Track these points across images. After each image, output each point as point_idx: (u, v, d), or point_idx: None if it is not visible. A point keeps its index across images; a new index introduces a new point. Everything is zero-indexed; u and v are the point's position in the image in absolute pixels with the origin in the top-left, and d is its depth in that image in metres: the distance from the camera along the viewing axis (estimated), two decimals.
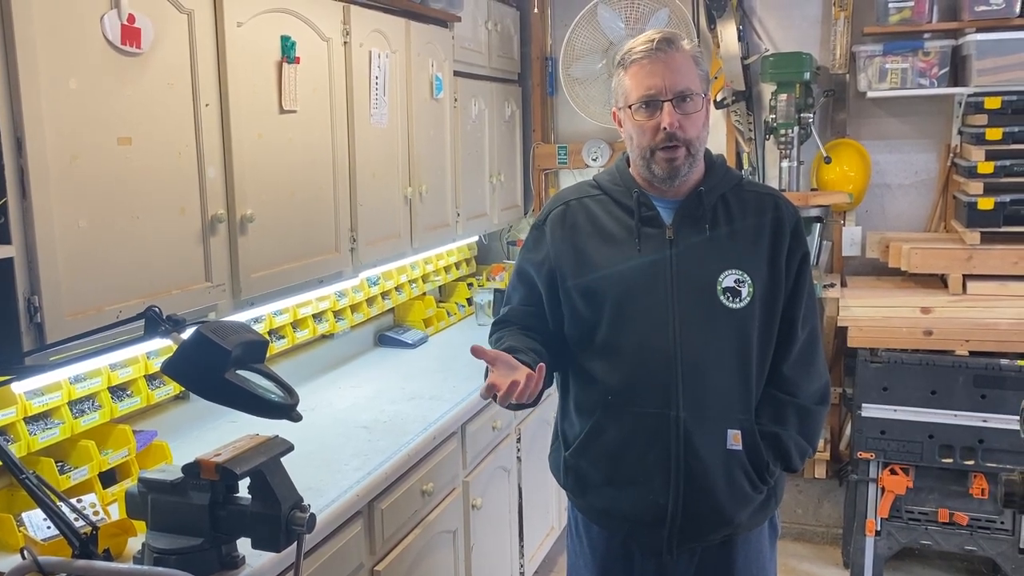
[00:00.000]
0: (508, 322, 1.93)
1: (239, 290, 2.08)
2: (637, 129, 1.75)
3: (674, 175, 1.76)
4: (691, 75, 1.74)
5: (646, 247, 1.77)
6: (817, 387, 1.84)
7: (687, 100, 1.72)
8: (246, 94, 2.07)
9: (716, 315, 1.74)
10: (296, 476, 1.62)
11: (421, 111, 2.97)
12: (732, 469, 1.76)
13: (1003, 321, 3.21)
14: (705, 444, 1.73)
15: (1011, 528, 3.17)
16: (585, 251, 1.81)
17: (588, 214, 1.84)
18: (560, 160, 4.01)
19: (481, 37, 3.52)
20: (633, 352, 1.75)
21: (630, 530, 1.84)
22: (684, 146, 1.73)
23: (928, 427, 3.18)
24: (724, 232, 1.78)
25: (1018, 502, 1.02)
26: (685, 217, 1.79)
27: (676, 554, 1.81)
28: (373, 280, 3.26)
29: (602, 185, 1.87)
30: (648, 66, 1.72)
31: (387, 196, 2.77)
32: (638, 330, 1.75)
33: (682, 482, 1.75)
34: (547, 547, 3.42)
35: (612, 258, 1.78)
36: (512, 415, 3.04)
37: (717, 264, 1.76)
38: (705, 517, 1.77)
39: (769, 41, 3.69)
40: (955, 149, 3.53)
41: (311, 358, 3.00)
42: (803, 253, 1.81)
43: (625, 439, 1.78)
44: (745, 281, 1.74)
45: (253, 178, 2.11)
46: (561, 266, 1.83)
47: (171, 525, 1.62)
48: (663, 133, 1.71)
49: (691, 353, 1.73)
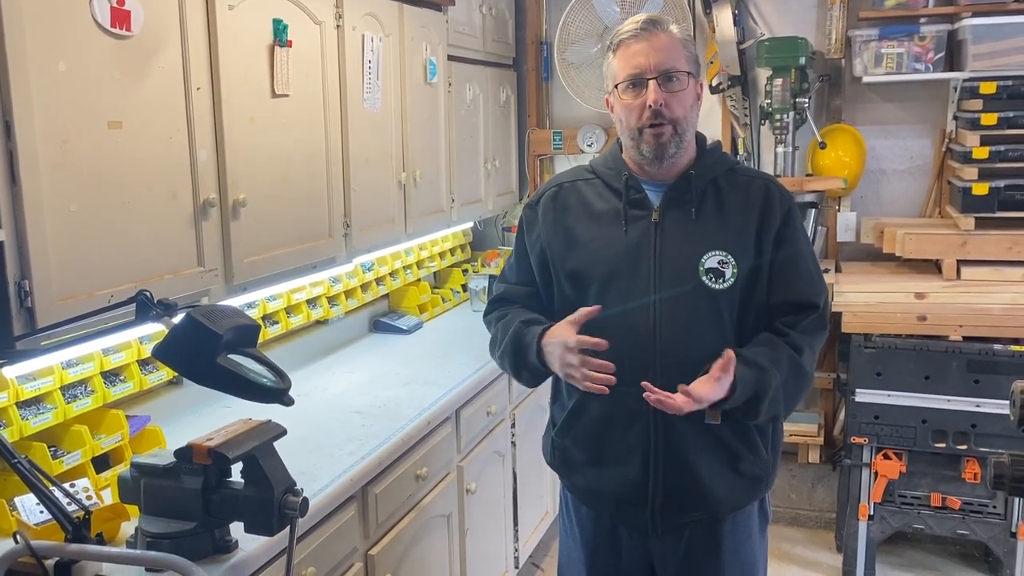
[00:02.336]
0: (506, 300, 1.99)
1: (232, 275, 2.07)
2: (625, 109, 1.78)
3: (661, 154, 1.77)
4: (676, 54, 1.76)
5: (632, 229, 1.81)
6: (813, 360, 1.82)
7: (672, 79, 1.75)
8: (238, 78, 2.06)
9: (698, 296, 1.76)
10: (290, 461, 1.62)
11: (415, 96, 2.96)
12: (710, 445, 1.79)
13: (997, 306, 3.21)
14: (682, 421, 1.74)
15: (1003, 512, 3.18)
16: (573, 232, 1.85)
17: (579, 196, 1.88)
18: (555, 145, 4.00)
19: (476, 21, 3.51)
20: (614, 332, 1.75)
21: (615, 509, 1.88)
22: (671, 124, 1.75)
23: (921, 412, 3.19)
24: (711, 215, 1.80)
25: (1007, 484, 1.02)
26: (672, 200, 1.81)
27: (661, 532, 1.85)
28: (367, 266, 3.26)
29: (595, 169, 1.91)
30: (634, 45, 1.75)
31: (381, 181, 2.76)
32: (621, 311, 1.78)
33: (661, 460, 1.79)
34: (542, 531, 3.43)
35: (598, 239, 1.82)
36: (507, 400, 3.04)
37: (701, 246, 1.78)
38: (685, 494, 1.81)
39: (765, 26, 3.68)
40: (950, 134, 3.53)
41: (305, 343, 2.99)
42: (795, 236, 1.81)
43: (606, 418, 1.82)
44: (729, 262, 1.76)
45: (245, 163, 2.10)
46: (551, 246, 1.88)
47: (164, 509, 1.62)
48: (649, 111, 1.73)
49: (670, 332, 1.76)
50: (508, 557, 3.09)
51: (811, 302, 1.82)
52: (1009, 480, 1.02)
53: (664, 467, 1.79)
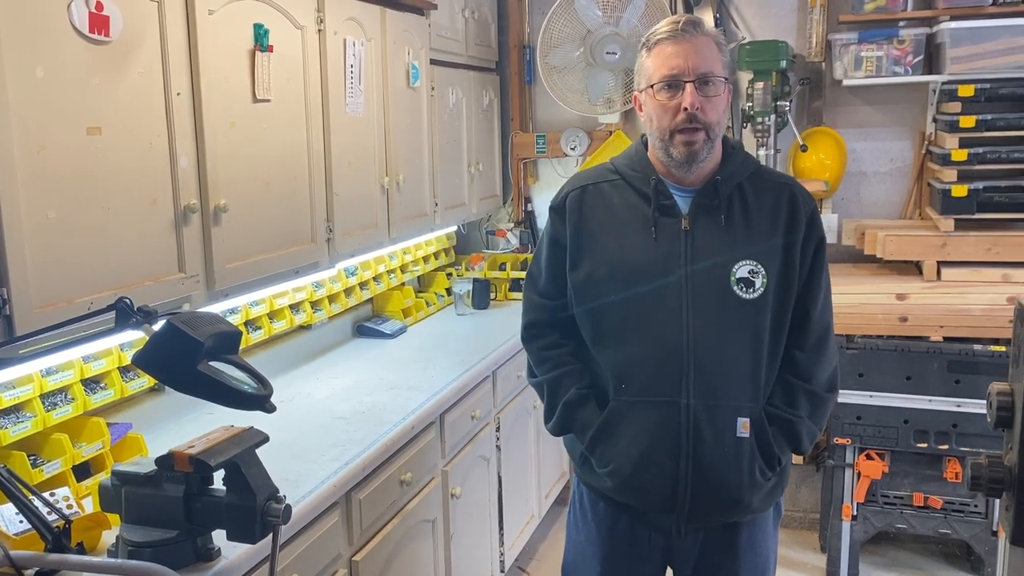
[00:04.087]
0: (543, 326, 1.93)
1: (213, 281, 2.06)
2: (658, 109, 1.75)
3: (692, 159, 1.76)
4: (714, 59, 1.74)
5: (662, 236, 1.78)
6: (828, 374, 1.85)
7: (709, 84, 1.73)
8: (219, 83, 2.05)
9: (729, 306, 1.75)
10: (273, 467, 1.61)
11: (398, 100, 2.96)
12: (741, 456, 1.77)
13: (976, 307, 3.25)
14: (714, 432, 1.75)
15: (984, 511, 3.21)
16: (599, 238, 1.82)
17: (604, 200, 1.85)
18: (539, 149, 4.01)
19: (458, 25, 3.51)
20: (646, 341, 1.76)
21: (641, 514, 1.87)
22: (704, 129, 1.74)
23: (903, 412, 3.22)
24: (739, 223, 1.78)
25: (984, 486, 1.03)
26: (701, 207, 1.79)
27: (684, 534, 1.85)
28: (351, 270, 3.25)
29: (620, 170, 1.87)
30: (672, 47, 1.73)
31: (364, 186, 2.76)
32: (652, 319, 1.76)
33: (691, 469, 1.76)
34: (527, 535, 3.43)
35: (628, 247, 1.79)
36: (491, 404, 3.04)
37: (731, 255, 1.76)
38: (714, 503, 1.80)
39: (746, 29, 3.70)
40: (930, 137, 3.56)
41: (288, 349, 2.98)
42: (818, 241, 1.82)
43: (637, 427, 1.79)
44: (759, 272, 1.76)
45: (226, 168, 2.09)
46: (575, 252, 1.84)
47: (145, 518, 1.61)
48: (684, 114, 1.72)
49: (703, 343, 1.74)
50: (494, 562, 3.09)
51: (824, 322, 1.84)
52: (986, 481, 1.03)
53: (694, 476, 1.77)
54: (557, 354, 1.90)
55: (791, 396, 1.81)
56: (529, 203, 4.13)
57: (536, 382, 1.95)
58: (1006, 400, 1.04)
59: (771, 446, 1.79)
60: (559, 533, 3.80)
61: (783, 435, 1.80)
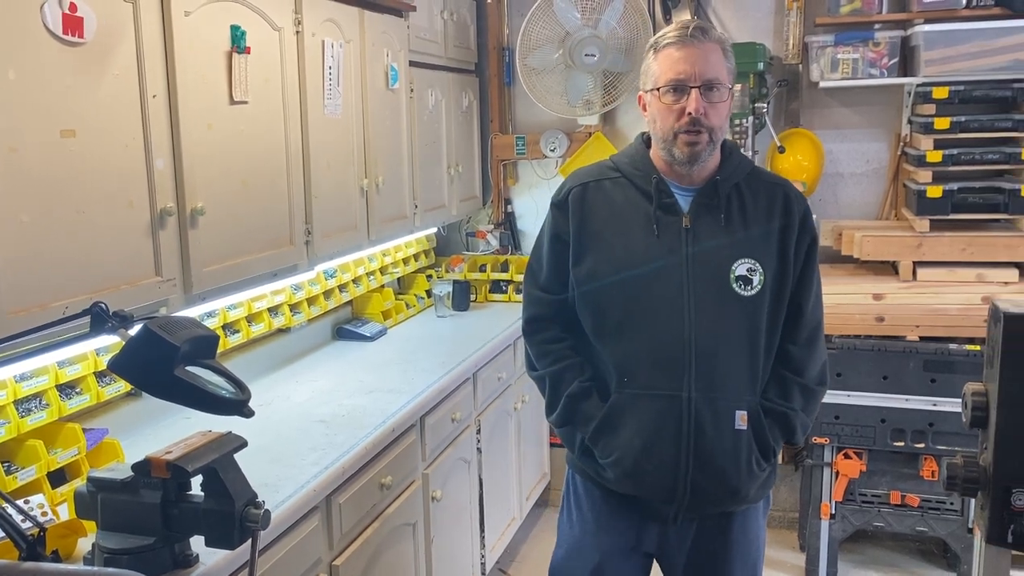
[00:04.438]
0: (545, 320, 1.97)
1: (190, 284, 2.04)
2: (663, 111, 1.80)
3: (694, 160, 1.81)
4: (720, 66, 1.79)
5: (663, 234, 1.83)
6: (819, 368, 1.93)
7: (714, 89, 1.77)
8: (195, 85, 2.03)
9: (728, 302, 1.81)
10: (251, 472, 1.60)
11: (376, 101, 2.94)
12: (739, 448, 1.83)
13: (952, 307, 3.28)
14: (714, 425, 1.81)
15: (960, 509, 3.24)
16: (602, 235, 1.87)
17: (606, 197, 1.89)
18: (518, 151, 4.01)
19: (437, 27, 3.50)
20: (649, 336, 1.82)
21: (641, 504, 1.91)
22: (707, 132, 1.79)
23: (880, 411, 3.25)
24: (738, 222, 1.85)
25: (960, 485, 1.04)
26: (701, 206, 1.85)
27: (680, 522, 1.91)
28: (330, 273, 3.23)
29: (621, 168, 1.92)
30: (678, 52, 1.78)
31: (343, 188, 2.75)
32: (654, 315, 1.82)
33: (692, 461, 1.82)
34: (508, 537, 3.43)
35: (630, 244, 1.84)
36: (472, 406, 3.04)
37: (731, 253, 1.82)
38: (713, 493, 1.85)
39: (724, 31, 3.72)
40: (905, 138, 3.60)
41: (267, 352, 2.96)
42: (811, 240, 1.89)
43: (640, 419, 1.83)
44: (757, 270, 1.82)
45: (203, 170, 2.07)
46: (577, 248, 1.89)
47: (122, 524, 1.59)
48: (687, 117, 1.77)
49: (704, 339, 1.80)
50: (475, 564, 3.09)
51: (816, 318, 1.93)
52: (962, 481, 1.04)
53: (694, 467, 1.82)
54: (559, 348, 1.94)
55: (785, 389, 1.88)
56: (509, 204, 4.13)
57: (538, 375, 1.98)
58: (980, 400, 1.05)
59: (767, 438, 1.85)
60: (540, 535, 3.80)
61: (778, 427, 1.87)
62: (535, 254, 2.01)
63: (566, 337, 1.95)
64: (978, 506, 1.08)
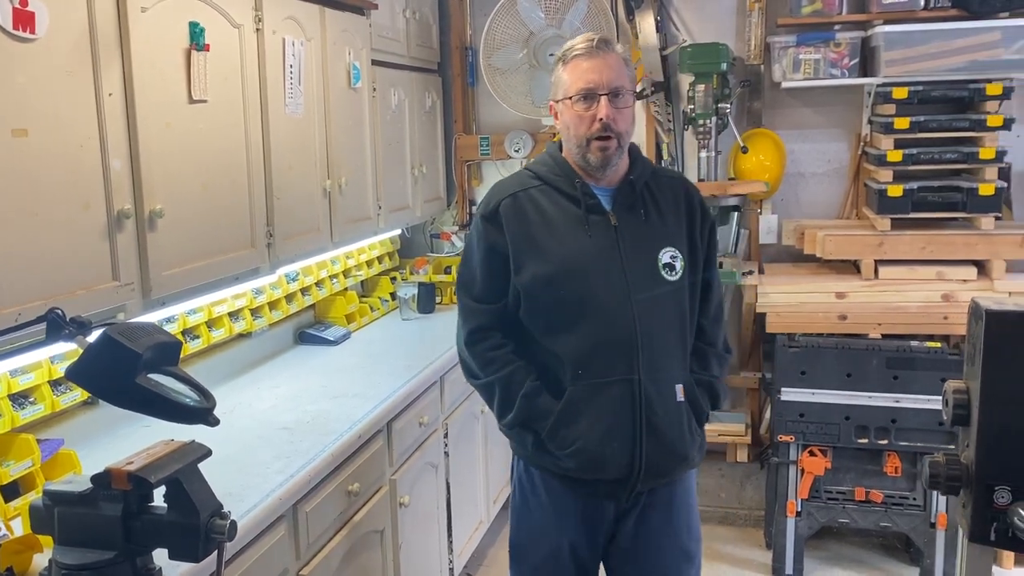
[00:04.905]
0: (489, 329, 2.03)
1: (149, 289, 1.98)
2: (575, 119, 1.95)
3: (606, 163, 1.97)
4: (623, 74, 1.96)
5: (595, 233, 1.96)
6: (724, 337, 2.16)
7: (619, 96, 1.94)
8: (152, 83, 1.97)
9: (660, 289, 1.98)
10: (215, 482, 1.55)
11: (339, 101, 2.90)
12: (681, 419, 2.00)
13: (913, 304, 3.33)
14: (660, 402, 1.96)
15: (923, 504, 3.29)
16: (538, 240, 1.97)
17: (535, 204, 1.99)
18: (483, 151, 3.98)
19: (399, 25, 3.46)
20: (600, 329, 1.94)
21: (602, 487, 2.01)
22: (616, 137, 1.94)
23: (844, 409, 3.28)
24: (654, 216, 2.02)
25: (942, 484, 1.04)
26: (622, 204, 2.00)
27: (632, 498, 2.03)
28: (292, 276, 3.17)
29: (542, 175, 2.03)
30: (587, 62, 1.93)
31: (305, 189, 2.69)
32: (603, 309, 1.94)
33: (646, 438, 1.95)
34: (476, 540, 3.40)
35: (566, 245, 1.96)
36: (439, 410, 3.00)
37: (655, 244, 2.00)
38: (664, 465, 2.00)
39: (686, 32, 3.73)
40: (865, 138, 3.64)
41: (228, 358, 2.89)
42: (711, 225, 2.10)
43: (598, 407, 1.94)
44: (677, 256, 2.01)
45: (162, 171, 2.01)
46: (518, 256, 1.98)
47: (80, 539, 1.52)
48: (599, 124, 1.92)
49: (646, 324, 1.95)
50: (443, 569, 3.05)
51: (720, 293, 2.17)
52: (944, 479, 1.04)
53: (647, 444, 1.95)
54: (503, 354, 2.02)
55: (705, 360, 2.09)
56: (474, 205, 4.10)
57: (484, 383, 2.04)
58: (962, 398, 1.04)
59: (700, 406, 2.05)
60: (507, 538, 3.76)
61: (707, 395, 2.08)
62: (465, 267, 2.10)
63: (507, 343, 2.03)
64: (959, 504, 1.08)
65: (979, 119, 3.21)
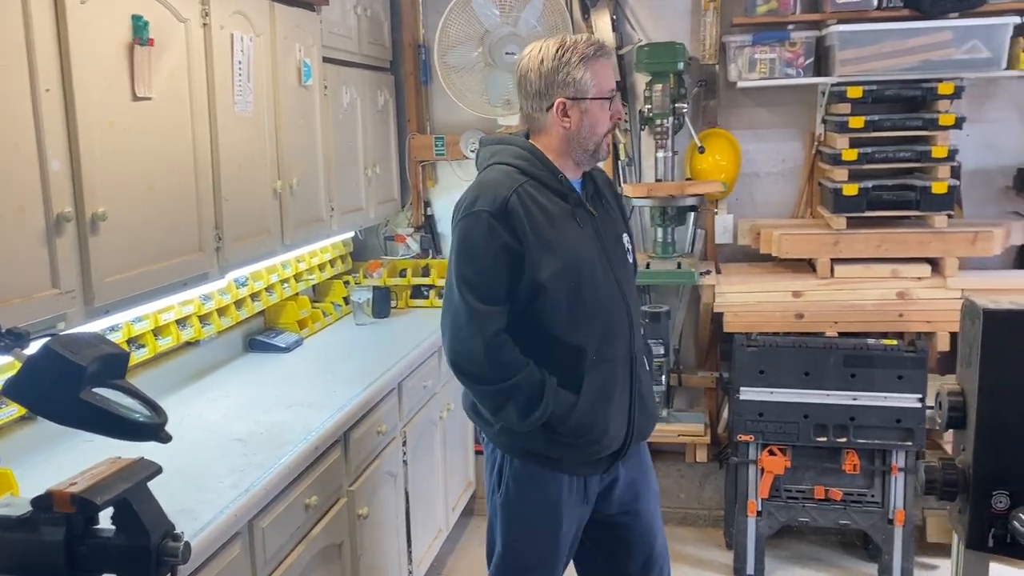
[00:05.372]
0: (502, 331, 2.01)
1: (92, 296, 1.87)
2: (602, 117, 2.06)
3: (605, 156, 2.15)
4: None
5: (584, 225, 2.07)
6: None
7: None
8: (94, 79, 1.86)
9: (629, 271, 2.19)
10: (165, 498, 1.46)
11: (289, 99, 2.80)
12: (651, 385, 2.26)
13: (869, 302, 3.35)
14: (643, 372, 2.17)
15: (881, 500, 3.31)
16: (548, 236, 2.01)
17: (534, 200, 2.02)
18: (437, 151, 3.90)
19: (351, 22, 3.37)
20: (605, 314, 2.07)
21: (598, 463, 2.13)
22: None
23: (803, 407, 3.28)
24: (610, 204, 2.21)
25: (938, 489, 1.01)
26: (591, 196, 2.15)
27: (617, 465, 2.18)
28: (241, 281, 3.06)
29: (529, 172, 2.05)
30: (606, 65, 2.07)
31: (254, 190, 2.59)
32: (607, 296, 2.07)
33: (637, 411, 2.14)
34: (436, 549, 3.32)
35: (568, 239, 2.04)
36: (397, 418, 2.92)
37: (618, 230, 2.18)
38: (646, 429, 2.21)
39: (642, 31, 3.71)
40: (819, 137, 3.66)
41: (176, 367, 2.77)
42: (627, 208, 2.43)
43: (611, 387, 2.08)
44: (628, 240, 2.23)
45: (104, 172, 1.90)
46: (537, 252, 2.00)
47: (19, 566, 1.42)
48: (614, 120, 2.09)
49: (631, 304, 2.14)
50: None
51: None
52: (941, 484, 1.01)
53: (637, 413, 2.14)
54: (517, 355, 2.04)
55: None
56: (429, 207, 4.02)
57: (505, 386, 2.00)
58: (957, 400, 1.01)
59: (650, 371, 2.35)
60: (467, 545, 3.70)
61: (650, 360, 2.34)
62: (470, 268, 2.00)
63: (514, 343, 2.05)
64: (954, 510, 1.05)
65: (931, 118, 3.25)
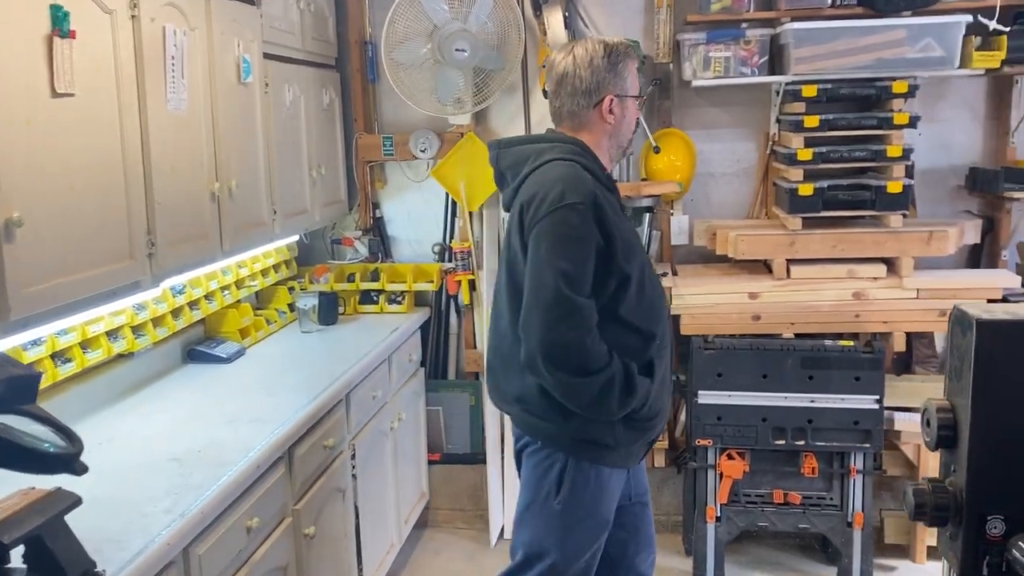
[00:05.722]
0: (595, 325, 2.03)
1: (7, 309, 1.72)
2: (633, 116, 2.20)
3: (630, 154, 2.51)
4: None
5: (631, 219, 2.28)
6: None
7: None
8: (7, 73, 1.71)
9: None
10: (91, 526, 1.34)
11: (227, 96, 2.65)
12: None
13: (825, 303, 3.32)
14: (671, 356, 2.27)
15: (839, 504, 3.28)
16: (620, 227, 2.07)
17: (603, 195, 2.06)
18: (386, 152, 3.77)
19: (293, 17, 3.23)
20: (661, 302, 2.17)
21: (638, 455, 2.24)
22: None
23: (761, 411, 3.24)
24: None
25: (928, 514, 0.94)
26: None
27: None
28: (178, 289, 2.90)
29: (590, 169, 2.09)
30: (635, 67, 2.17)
31: (190, 192, 2.44)
32: (656, 283, 2.19)
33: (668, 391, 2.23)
34: (388, 565, 3.21)
35: (627, 229, 2.12)
36: (346, 430, 2.79)
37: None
38: (667, 410, 2.25)
39: (595, 29, 3.63)
40: (774, 137, 3.62)
41: (107, 382, 2.61)
42: None
43: (665, 375, 2.17)
44: None
45: (22, 174, 1.75)
46: (623, 245, 2.04)
47: None
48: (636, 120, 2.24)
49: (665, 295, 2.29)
50: None
51: None
52: (931, 509, 0.93)
53: (668, 396, 2.24)
54: (604, 346, 2.04)
55: None
56: (378, 209, 3.89)
57: (611, 374, 2.01)
58: (947, 418, 0.93)
59: None
60: (420, 558, 3.59)
61: None
62: (569, 261, 1.98)
63: None
64: (945, 536, 0.97)
65: (886, 117, 3.22)
